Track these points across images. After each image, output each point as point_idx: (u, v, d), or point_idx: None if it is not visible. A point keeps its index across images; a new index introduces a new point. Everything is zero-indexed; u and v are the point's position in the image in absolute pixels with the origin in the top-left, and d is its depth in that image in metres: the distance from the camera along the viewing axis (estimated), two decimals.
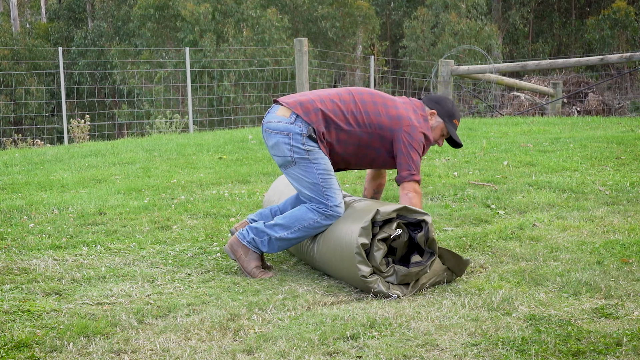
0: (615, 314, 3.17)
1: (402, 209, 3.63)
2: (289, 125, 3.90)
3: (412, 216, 3.64)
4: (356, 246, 3.55)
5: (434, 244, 3.65)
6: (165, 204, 5.65)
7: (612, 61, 11.92)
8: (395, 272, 3.61)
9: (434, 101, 4.13)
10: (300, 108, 3.92)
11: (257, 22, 24.82)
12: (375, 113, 3.96)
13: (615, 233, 4.42)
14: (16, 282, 3.82)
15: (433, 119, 4.08)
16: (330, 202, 3.91)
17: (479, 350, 2.85)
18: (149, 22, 25.50)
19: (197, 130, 14.56)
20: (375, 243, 3.58)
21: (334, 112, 3.94)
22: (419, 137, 3.95)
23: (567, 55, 29.20)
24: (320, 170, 3.91)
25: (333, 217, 3.92)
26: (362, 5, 28.08)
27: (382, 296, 3.56)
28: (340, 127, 3.94)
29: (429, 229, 3.62)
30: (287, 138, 3.90)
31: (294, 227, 3.96)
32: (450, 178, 6.14)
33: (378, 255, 3.58)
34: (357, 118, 3.95)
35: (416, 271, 3.61)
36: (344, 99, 3.99)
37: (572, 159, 6.62)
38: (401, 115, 3.97)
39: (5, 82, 20.89)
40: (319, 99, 3.98)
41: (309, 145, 3.90)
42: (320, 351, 2.87)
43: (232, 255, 4.04)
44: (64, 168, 7.87)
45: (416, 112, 4.04)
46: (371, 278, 3.56)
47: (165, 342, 3.00)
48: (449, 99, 4.18)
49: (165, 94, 22.61)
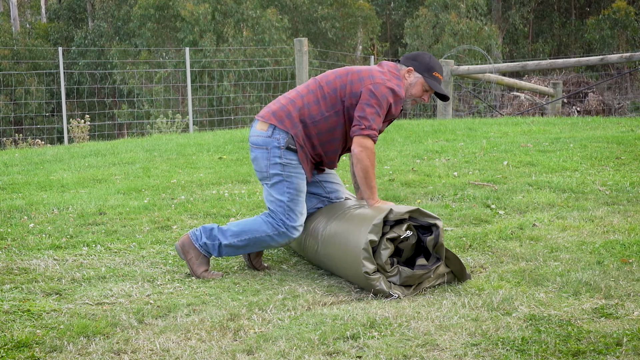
0: (615, 314, 3.17)
1: (414, 211, 3.62)
2: (267, 139, 3.93)
3: (423, 219, 3.63)
4: (365, 242, 3.54)
5: (441, 249, 3.64)
6: (165, 204, 5.65)
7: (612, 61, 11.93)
8: (399, 273, 3.59)
9: (410, 58, 4.02)
10: (275, 118, 3.94)
11: (257, 22, 24.82)
12: (342, 86, 3.92)
13: (615, 233, 4.42)
14: (16, 282, 3.82)
15: (411, 75, 3.98)
16: (290, 221, 3.92)
17: (479, 350, 2.85)
18: (149, 22, 25.50)
19: (197, 130, 14.56)
20: (384, 242, 3.57)
21: (307, 106, 3.93)
22: (381, 93, 3.84)
23: (567, 55, 29.20)
24: (291, 190, 3.92)
25: (285, 237, 3.93)
26: (362, 5, 28.08)
27: (382, 296, 3.56)
28: (316, 120, 3.92)
29: (439, 233, 3.61)
30: (266, 152, 3.94)
31: (244, 236, 3.95)
32: (450, 178, 6.14)
33: (384, 254, 3.56)
34: (328, 100, 3.92)
35: (420, 274, 3.60)
36: (312, 89, 3.98)
37: (572, 159, 6.62)
38: (363, 76, 3.91)
39: (6, 82, 20.89)
40: (288, 101, 3.98)
41: (287, 159, 3.91)
42: (320, 351, 2.87)
43: (182, 255, 4.02)
44: (64, 168, 7.87)
45: (382, 71, 3.94)
46: (374, 276, 3.55)
47: (165, 342, 3.00)
48: (426, 53, 4.06)
49: (165, 94, 22.61)
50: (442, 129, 9.43)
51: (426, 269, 3.61)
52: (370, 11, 28.32)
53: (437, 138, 8.61)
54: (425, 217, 3.63)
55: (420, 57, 4.02)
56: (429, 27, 26.71)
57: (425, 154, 7.40)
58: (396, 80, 3.93)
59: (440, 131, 9.18)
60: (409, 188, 5.83)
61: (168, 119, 15.79)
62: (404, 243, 3.62)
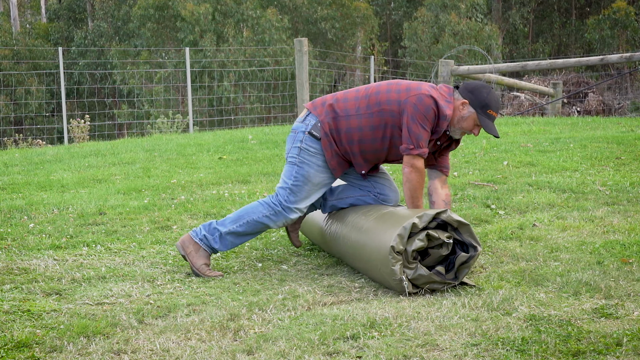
0: (615, 314, 3.17)
1: (465, 225, 3.60)
2: (299, 124, 4.04)
3: (467, 237, 3.61)
4: (409, 222, 3.50)
5: (464, 271, 3.60)
6: (166, 204, 5.65)
7: (612, 61, 11.92)
8: (416, 269, 3.55)
9: (468, 90, 3.92)
10: (312, 104, 4.05)
11: (257, 23, 24.82)
12: (386, 91, 3.92)
13: (615, 233, 4.42)
14: (16, 282, 3.82)
15: (464, 109, 3.90)
16: (286, 202, 3.96)
17: (479, 350, 2.85)
18: (148, 23, 25.50)
19: (197, 131, 14.56)
20: (422, 234, 3.54)
21: (343, 100, 3.98)
22: (425, 106, 3.80)
23: (567, 55, 29.19)
24: (298, 175, 3.96)
25: (282, 216, 3.96)
26: (361, 6, 28.07)
27: (393, 279, 3.51)
28: (349, 115, 3.93)
29: (473, 256, 3.58)
30: (293, 134, 4.03)
31: (242, 220, 3.99)
32: (450, 178, 6.14)
33: (416, 244, 3.52)
34: (369, 101, 3.92)
35: (433, 279, 3.57)
36: (358, 89, 4.03)
37: (572, 159, 6.62)
38: (410, 87, 3.89)
39: (6, 82, 20.89)
40: (333, 96, 4.05)
41: (307, 144, 3.95)
42: (320, 351, 2.87)
43: (182, 251, 4.03)
44: (64, 168, 7.87)
45: (433, 87, 3.91)
46: (397, 255, 3.50)
47: (165, 342, 3.00)
48: (485, 87, 3.95)
49: (165, 94, 22.61)
50: None
51: (441, 277, 3.58)
52: (368, 11, 28.30)
53: None
54: (470, 237, 3.61)
55: (477, 91, 3.91)
56: (427, 28, 26.70)
57: None
58: (445, 102, 3.88)
59: None
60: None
61: (168, 119, 15.78)
62: (435, 250, 3.59)
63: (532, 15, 32.22)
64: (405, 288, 3.53)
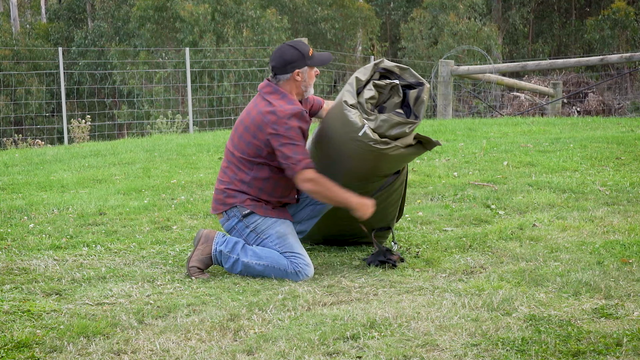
0: (615, 314, 3.17)
1: (406, 68, 3.89)
2: (227, 223, 4.02)
3: (411, 79, 3.89)
4: (352, 78, 3.80)
5: (421, 107, 3.82)
6: (166, 204, 5.65)
7: (612, 61, 11.94)
8: (376, 118, 3.75)
9: (282, 64, 3.89)
10: (218, 205, 4.03)
11: (256, 23, 24.81)
12: (248, 144, 3.91)
13: (615, 233, 4.42)
14: (16, 282, 3.82)
15: (301, 75, 3.90)
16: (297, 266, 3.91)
17: (479, 350, 2.85)
18: (148, 23, 25.49)
19: (197, 131, 14.56)
20: (369, 85, 3.82)
21: (234, 177, 3.96)
22: (284, 129, 3.80)
23: (567, 55, 29.19)
24: (275, 240, 3.97)
25: (302, 275, 3.91)
26: (361, 6, 28.07)
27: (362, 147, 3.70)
28: (248, 181, 3.95)
29: (423, 89, 3.83)
30: (236, 232, 4.02)
31: (264, 261, 3.93)
32: (450, 178, 6.14)
33: (367, 94, 3.78)
34: (246, 163, 3.94)
35: (396, 121, 3.74)
36: (228, 159, 4.00)
37: (572, 159, 6.62)
38: (259, 124, 3.86)
39: (6, 82, 20.88)
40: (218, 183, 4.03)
41: (250, 224, 3.98)
42: (320, 351, 2.88)
43: (196, 241, 4.02)
44: (64, 168, 7.86)
45: (268, 103, 3.86)
46: (352, 109, 3.74)
47: (165, 343, 3.00)
48: (283, 47, 3.93)
49: (165, 94, 22.61)
50: (442, 129, 9.42)
51: (402, 117, 3.77)
52: (369, 12, 28.30)
53: (437, 138, 8.60)
54: (414, 77, 3.90)
55: (287, 55, 3.89)
56: (424, 28, 26.68)
57: (425, 154, 7.39)
58: (282, 100, 3.88)
59: (440, 131, 9.18)
60: (409, 188, 5.82)
61: (168, 119, 15.78)
62: (389, 101, 3.83)
63: (532, 15, 32.21)
64: (370, 135, 3.68)
